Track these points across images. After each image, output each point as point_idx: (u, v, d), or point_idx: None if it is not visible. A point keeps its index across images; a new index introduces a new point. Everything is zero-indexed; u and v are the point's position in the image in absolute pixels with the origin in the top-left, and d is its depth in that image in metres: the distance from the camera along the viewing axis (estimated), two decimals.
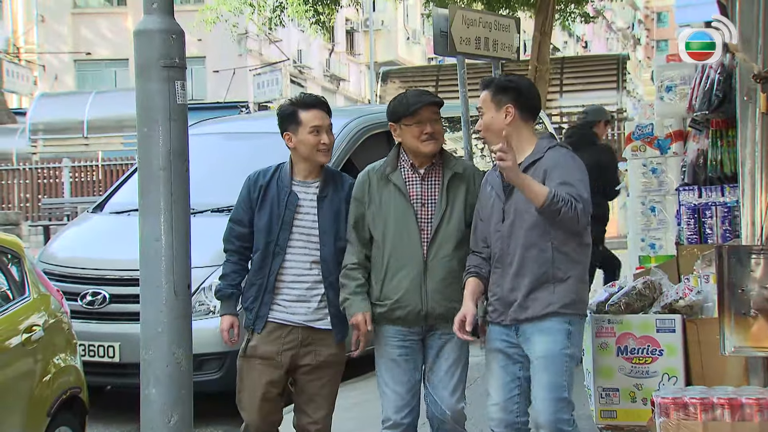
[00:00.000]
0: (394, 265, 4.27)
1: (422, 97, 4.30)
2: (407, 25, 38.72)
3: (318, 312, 4.42)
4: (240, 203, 4.53)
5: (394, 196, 4.28)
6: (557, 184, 3.88)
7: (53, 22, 32.85)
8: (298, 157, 4.46)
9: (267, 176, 4.48)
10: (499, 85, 4.13)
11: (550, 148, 4.04)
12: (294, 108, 4.45)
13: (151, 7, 4.77)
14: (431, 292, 4.24)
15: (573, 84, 23.14)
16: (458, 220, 4.25)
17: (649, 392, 4.41)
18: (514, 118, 4.06)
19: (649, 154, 6.37)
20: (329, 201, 4.42)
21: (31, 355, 4.67)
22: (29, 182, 21.07)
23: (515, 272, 4.03)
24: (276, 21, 19.69)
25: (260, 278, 4.41)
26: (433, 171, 4.31)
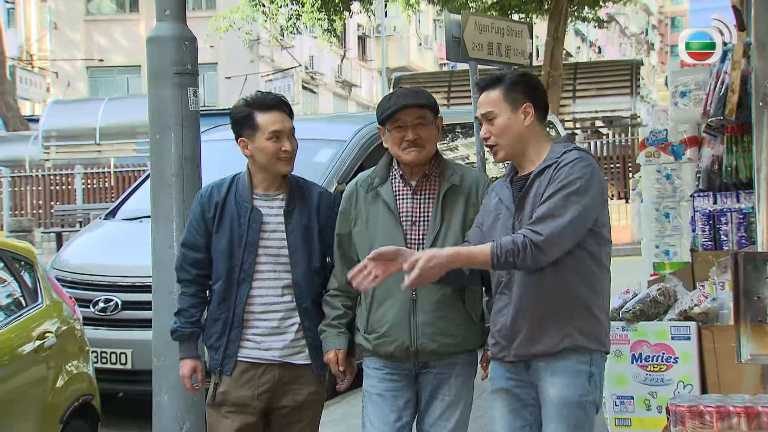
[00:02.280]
0: (379, 293, 3.64)
1: (401, 99, 3.65)
2: (419, 31, 38.76)
3: (295, 344, 3.80)
4: (192, 225, 3.86)
5: (383, 213, 3.68)
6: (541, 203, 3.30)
7: (66, 29, 33.02)
8: (255, 166, 3.82)
9: (222, 191, 3.83)
10: (511, 81, 3.45)
11: (566, 152, 3.38)
12: (250, 110, 3.79)
13: (164, 14, 4.78)
14: (421, 325, 3.62)
15: (586, 89, 23.11)
16: (454, 241, 3.60)
17: (664, 400, 4.36)
18: (533, 120, 3.43)
19: (664, 160, 6.33)
20: (298, 215, 3.81)
21: (43, 362, 4.67)
22: (42, 189, 21.15)
23: (518, 300, 3.37)
24: (291, 29, 19.75)
25: (225, 311, 3.77)
26: (427, 183, 3.69)
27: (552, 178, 3.32)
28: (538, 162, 3.41)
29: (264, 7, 19.73)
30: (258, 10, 19.83)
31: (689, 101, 5.91)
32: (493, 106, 3.45)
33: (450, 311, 3.64)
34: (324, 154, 7.32)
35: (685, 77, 5.97)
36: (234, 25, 20.68)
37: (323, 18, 18.98)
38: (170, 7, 4.78)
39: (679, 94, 5.95)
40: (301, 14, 19.20)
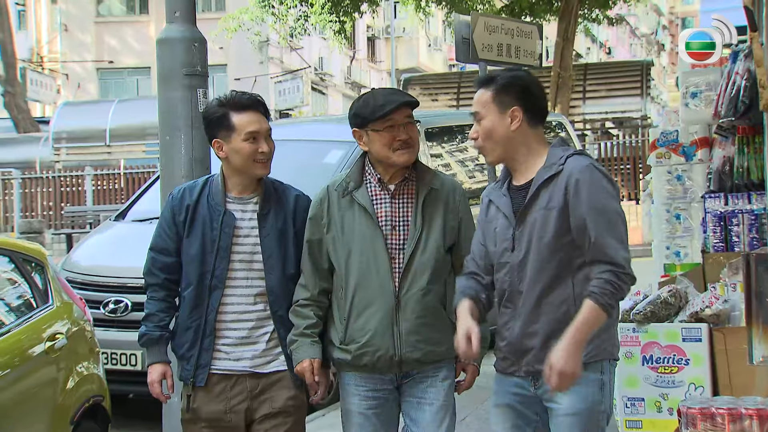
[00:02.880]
0: (359, 301, 3.49)
1: (394, 96, 3.53)
2: (428, 32, 38.75)
3: (267, 354, 3.63)
4: (162, 228, 3.71)
5: (359, 218, 3.52)
6: (594, 233, 3.14)
7: (76, 31, 33.12)
8: (230, 169, 3.65)
9: (194, 194, 3.67)
10: (502, 83, 3.31)
11: (568, 158, 3.25)
12: (225, 110, 3.62)
13: (174, 16, 4.79)
14: (405, 333, 3.47)
15: (596, 90, 23.07)
16: (436, 245, 3.51)
17: (675, 402, 4.35)
18: (521, 124, 3.28)
19: (674, 161, 6.30)
20: (272, 219, 3.64)
21: (54, 364, 4.67)
22: (52, 190, 21.22)
23: (529, 313, 3.24)
24: (300, 30, 19.78)
25: (196, 319, 3.61)
26: (405, 187, 3.56)
27: (574, 194, 3.17)
28: (535, 168, 3.28)
29: (273, 8, 19.76)
30: (267, 12, 19.86)
31: (700, 102, 5.89)
32: (481, 107, 3.34)
33: (433, 318, 3.50)
34: (334, 155, 7.31)
35: (696, 78, 5.95)
36: (243, 26, 20.71)
37: (333, 19, 19.00)
38: (180, 8, 4.79)
39: (690, 95, 5.93)
40: (310, 15, 19.22)
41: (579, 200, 3.17)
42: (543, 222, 3.21)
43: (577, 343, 3.10)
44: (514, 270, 3.27)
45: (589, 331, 3.12)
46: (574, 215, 3.17)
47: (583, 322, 3.11)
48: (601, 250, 3.14)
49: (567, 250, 3.20)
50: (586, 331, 3.11)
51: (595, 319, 3.12)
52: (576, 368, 3.10)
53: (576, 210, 3.17)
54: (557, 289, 3.22)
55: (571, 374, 3.10)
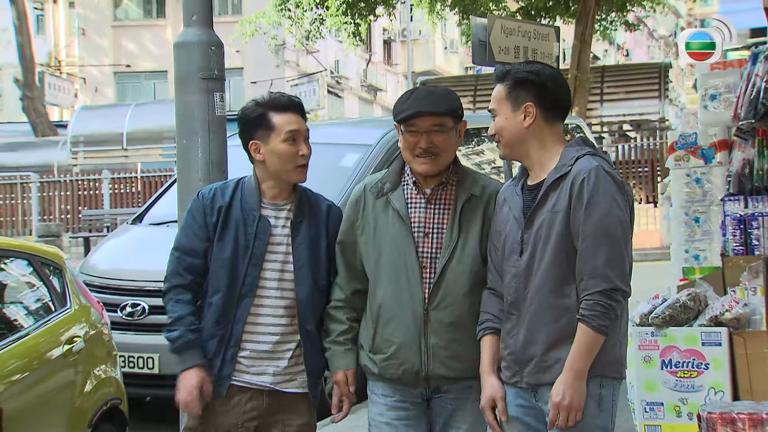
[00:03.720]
0: (387, 310, 3.32)
1: (417, 103, 3.31)
2: (445, 35, 38.73)
3: (288, 371, 3.45)
4: (190, 228, 3.49)
5: (393, 221, 3.34)
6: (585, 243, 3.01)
7: (94, 35, 33.30)
8: (266, 172, 3.48)
9: (226, 195, 3.49)
10: (517, 78, 3.15)
11: (578, 158, 3.09)
12: (263, 110, 3.46)
13: (191, 20, 4.80)
14: (433, 348, 3.28)
15: (614, 93, 22.99)
16: (473, 256, 3.29)
17: (695, 407, 4.32)
18: (536, 120, 3.13)
19: (693, 164, 6.27)
20: (305, 228, 3.47)
21: (72, 367, 4.69)
22: (70, 194, 21.32)
23: (531, 322, 3.10)
24: (315, 33, 19.82)
25: (222, 328, 3.42)
26: (443, 192, 3.36)
27: (576, 197, 3.03)
28: (549, 168, 3.12)
29: (290, 12, 19.80)
30: (284, 15, 19.90)
31: (719, 104, 5.84)
32: (495, 103, 3.21)
33: (464, 334, 3.29)
34: (350, 158, 7.31)
35: (715, 80, 5.91)
36: (260, 30, 20.76)
37: (348, 21, 19.03)
38: (197, 12, 4.80)
39: (709, 97, 5.89)
40: (326, 18, 19.25)
41: (580, 204, 3.02)
42: (549, 226, 3.06)
43: (577, 374, 3.00)
44: (521, 275, 3.12)
45: (589, 357, 2.99)
46: (574, 220, 3.03)
47: (580, 350, 2.99)
48: (590, 262, 3.00)
49: (571, 256, 3.04)
50: (585, 358, 3.00)
51: (592, 343, 2.99)
52: (580, 401, 2.99)
53: (576, 215, 3.03)
54: (560, 297, 3.07)
55: (576, 408, 3.00)
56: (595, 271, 2.99)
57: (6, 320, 4.68)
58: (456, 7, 20.09)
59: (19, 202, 21.39)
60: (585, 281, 3.01)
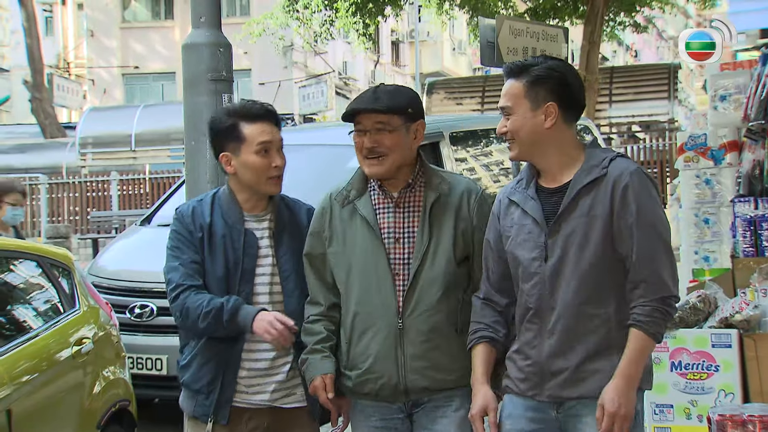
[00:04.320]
0: (361, 322, 3.16)
1: (357, 101, 3.19)
2: (453, 36, 38.71)
3: (285, 386, 3.34)
4: (182, 243, 3.33)
5: (361, 230, 3.19)
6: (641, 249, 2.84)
7: (102, 37, 33.37)
8: (239, 185, 3.35)
9: (206, 213, 3.34)
10: (537, 74, 2.94)
11: (611, 160, 2.93)
12: (234, 120, 3.30)
13: (199, 21, 4.81)
14: (410, 358, 3.12)
15: (623, 94, 22.95)
16: (445, 258, 3.14)
17: (705, 409, 4.30)
18: (557, 121, 2.95)
19: (703, 165, 6.25)
20: (288, 237, 3.36)
21: (80, 368, 4.69)
22: (78, 195, 21.37)
23: (563, 333, 2.90)
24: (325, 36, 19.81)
25: (220, 349, 3.30)
26: (410, 194, 3.20)
27: (621, 202, 2.86)
28: (569, 170, 2.94)
29: (298, 13, 19.81)
30: (292, 17, 19.91)
31: (729, 105, 5.83)
32: (512, 100, 2.98)
33: (443, 341, 3.13)
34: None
35: (725, 81, 5.90)
36: (267, 31, 20.77)
37: (358, 22, 19.03)
38: (206, 14, 4.81)
39: (719, 98, 5.88)
40: (335, 20, 19.26)
41: (627, 210, 2.85)
42: (584, 231, 2.87)
43: (630, 381, 2.84)
44: (545, 282, 2.92)
45: (642, 365, 2.85)
46: (621, 226, 2.86)
47: (635, 357, 2.83)
48: (648, 269, 2.85)
49: (610, 263, 2.88)
50: (639, 365, 2.85)
51: (647, 350, 2.87)
52: (632, 410, 2.85)
53: (623, 220, 2.86)
54: (597, 307, 2.89)
55: (626, 416, 2.84)
56: (654, 277, 2.85)
57: (15, 322, 4.69)
58: (464, 6, 20.09)
59: (28, 204, 21.44)
60: (642, 288, 2.86)
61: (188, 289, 3.28)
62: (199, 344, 3.33)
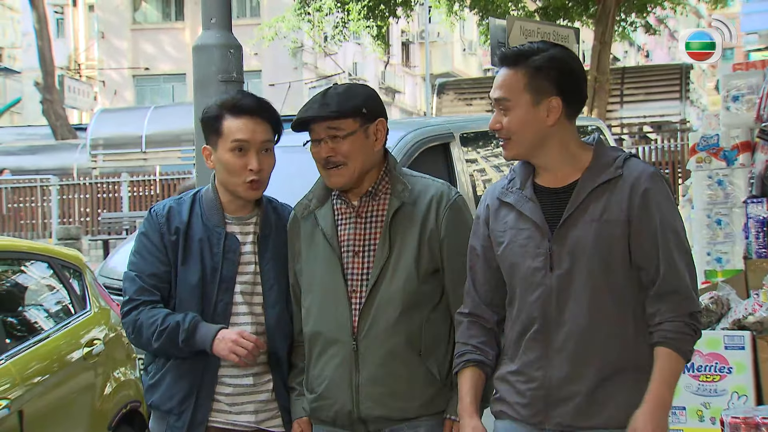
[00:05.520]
0: (318, 344, 2.89)
1: (306, 107, 2.90)
2: (463, 36, 38.69)
3: (270, 407, 3.03)
4: (147, 250, 3.00)
5: (321, 243, 2.90)
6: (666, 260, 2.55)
7: (113, 38, 33.48)
8: (220, 183, 3.07)
9: (184, 214, 3.02)
10: (539, 64, 2.58)
11: (626, 160, 2.62)
12: (221, 111, 3.01)
13: (210, 23, 4.81)
14: (365, 383, 2.81)
15: (634, 94, 22.90)
16: (406, 274, 2.81)
17: (718, 411, 4.28)
18: (560, 117, 2.61)
19: (715, 166, 6.22)
20: (273, 243, 3.04)
21: (92, 369, 4.70)
22: (89, 197, 21.42)
23: (575, 353, 2.56)
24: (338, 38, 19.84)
25: (194, 365, 2.97)
26: (372, 203, 2.90)
27: (641, 207, 2.56)
28: (574, 169, 2.63)
29: (309, 16, 19.83)
30: (303, 19, 19.94)
31: (742, 105, 5.81)
32: (509, 92, 2.61)
33: (401, 366, 2.81)
34: None
35: (738, 81, 5.87)
36: (279, 34, 20.81)
37: (371, 25, 19.05)
38: (216, 15, 4.81)
39: (732, 98, 5.85)
40: (348, 22, 19.29)
41: (649, 216, 2.55)
42: (596, 237, 2.55)
43: (664, 405, 2.55)
44: (551, 295, 2.58)
45: (674, 387, 2.57)
46: (641, 233, 2.55)
47: (666, 378, 2.55)
48: (675, 282, 2.56)
49: (627, 274, 2.57)
50: (671, 388, 2.56)
51: (678, 371, 2.58)
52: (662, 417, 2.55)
53: (643, 227, 2.55)
54: (613, 323, 2.57)
55: None
56: (681, 290, 2.56)
57: (26, 323, 4.70)
58: (475, 7, 20.08)
59: (39, 205, 21.51)
60: (669, 302, 2.56)
61: (142, 305, 2.96)
62: (170, 360, 3.00)
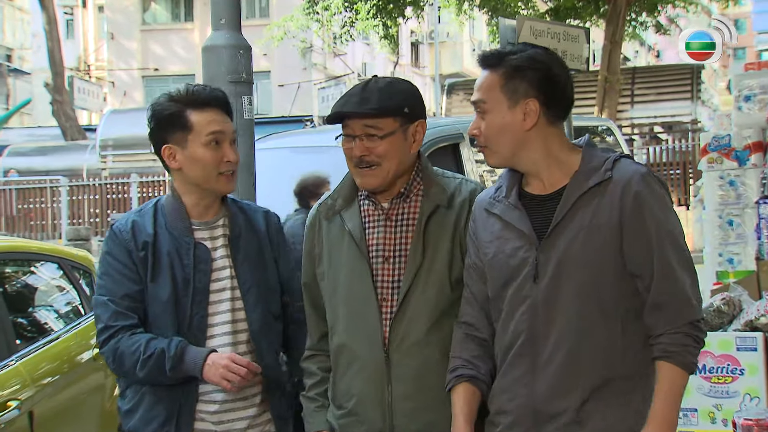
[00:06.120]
0: (345, 355, 2.73)
1: (343, 101, 2.70)
2: (473, 37, 38.66)
3: (259, 421, 2.91)
4: (115, 271, 2.83)
5: (348, 246, 2.73)
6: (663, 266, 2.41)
7: (122, 39, 33.57)
8: (186, 184, 2.88)
9: (148, 226, 2.86)
10: (515, 64, 2.47)
11: (615, 161, 2.47)
12: (180, 106, 2.83)
13: (219, 23, 4.79)
14: (398, 398, 2.65)
15: (645, 95, 22.85)
16: (440, 282, 2.66)
17: (730, 413, 4.26)
18: (538, 121, 2.47)
19: (727, 166, 6.20)
20: (245, 243, 2.90)
21: (102, 370, 4.70)
22: (98, 197, 21.47)
23: (562, 367, 2.42)
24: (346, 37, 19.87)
25: (173, 385, 2.80)
26: (404, 205, 2.73)
27: (633, 211, 2.42)
28: (562, 174, 2.48)
29: (318, 15, 19.86)
30: (312, 19, 19.96)
31: (754, 105, 5.79)
32: (485, 94, 2.50)
33: (436, 379, 2.63)
34: None
35: (750, 81, 5.85)
36: (288, 34, 20.85)
37: (378, 24, 19.06)
38: (225, 16, 4.79)
39: (743, 98, 5.83)
40: (355, 21, 19.30)
41: (641, 220, 2.41)
42: (584, 244, 2.41)
43: (669, 425, 2.39)
44: (538, 307, 2.44)
45: (679, 404, 2.41)
46: (634, 239, 2.42)
47: (670, 396, 2.39)
48: (672, 290, 2.42)
49: (617, 283, 2.43)
50: (676, 406, 2.40)
51: (682, 386, 2.42)
52: None
53: (636, 232, 2.41)
54: (602, 335, 2.42)
55: None
56: (680, 299, 2.42)
57: (36, 324, 4.71)
58: (484, 7, 20.06)
59: (48, 206, 21.57)
60: (666, 312, 2.42)
61: (120, 331, 2.80)
62: (135, 385, 2.86)
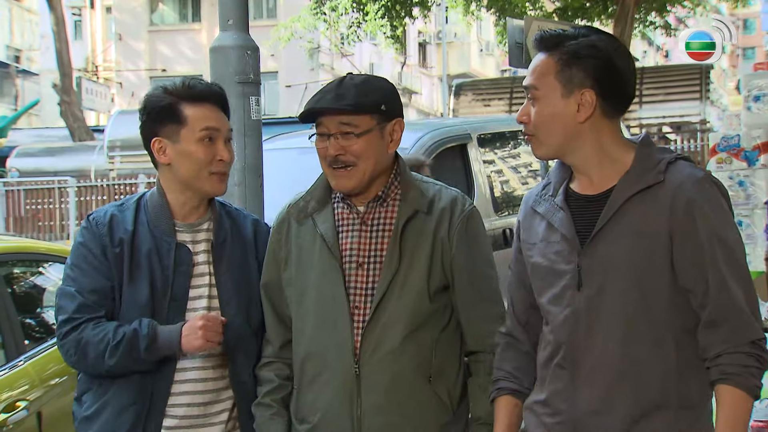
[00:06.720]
0: (312, 366, 2.56)
1: (319, 96, 2.55)
2: (480, 37, 38.65)
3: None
4: (87, 262, 2.66)
5: (320, 250, 2.58)
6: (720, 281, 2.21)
7: (130, 40, 33.63)
8: (174, 181, 2.72)
9: (128, 223, 2.69)
10: (574, 49, 2.26)
11: (670, 163, 2.26)
12: (174, 99, 2.67)
13: (227, 24, 4.79)
14: (368, 412, 2.49)
15: (653, 95, 22.79)
16: (417, 291, 2.51)
17: None
18: (593, 114, 2.27)
19: (736, 167, 6.18)
20: (229, 251, 2.73)
21: None
22: (106, 198, 21.48)
23: (605, 384, 2.25)
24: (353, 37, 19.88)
25: (141, 393, 2.63)
26: (381, 209, 2.59)
27: (686, 220, 2.21)
28: (613, 174, 2.29)
29: (325, 15, 19.87)
30: (319, 19, 19.97)
31: (763, 105, 5.77)
32: (538, 80, 2.30)
33: (410, 392, 2.50)
34: None
35: (760, 81, 5.84)
36: (295, 35, 20.86)
37: (386, 24, 19.07)
38: (233, 16, 4.79)
39: (753, 98, 5.81)
40: (362, 22, 19.31)
41: (693, 229, 2.21)
42: (632, 252, 2.22)
43: None
44: (581, 317, 2.26)
45: (744, 430, 2.21)
46: (686, 249, 2.22)
47: (733, 421, 2.19)
48: (730, 307, 2.22)
49: (669, 297, 2.24)
50: (739, 424, 2.20)
51: (747, 411, 2.21)
52: None
53: (688, 243, 2.22)
54: (653, 353, 2.23)
55: None
56: (739, 317, 2.21)
57: (45, 324, 4.70)
58: (492, 7, 20.05)
59: (56, 207, 21.60)
60: (724, 330, 2.21)
61: (84, 323, 2.62)
62: (111, 388, 2.66)
